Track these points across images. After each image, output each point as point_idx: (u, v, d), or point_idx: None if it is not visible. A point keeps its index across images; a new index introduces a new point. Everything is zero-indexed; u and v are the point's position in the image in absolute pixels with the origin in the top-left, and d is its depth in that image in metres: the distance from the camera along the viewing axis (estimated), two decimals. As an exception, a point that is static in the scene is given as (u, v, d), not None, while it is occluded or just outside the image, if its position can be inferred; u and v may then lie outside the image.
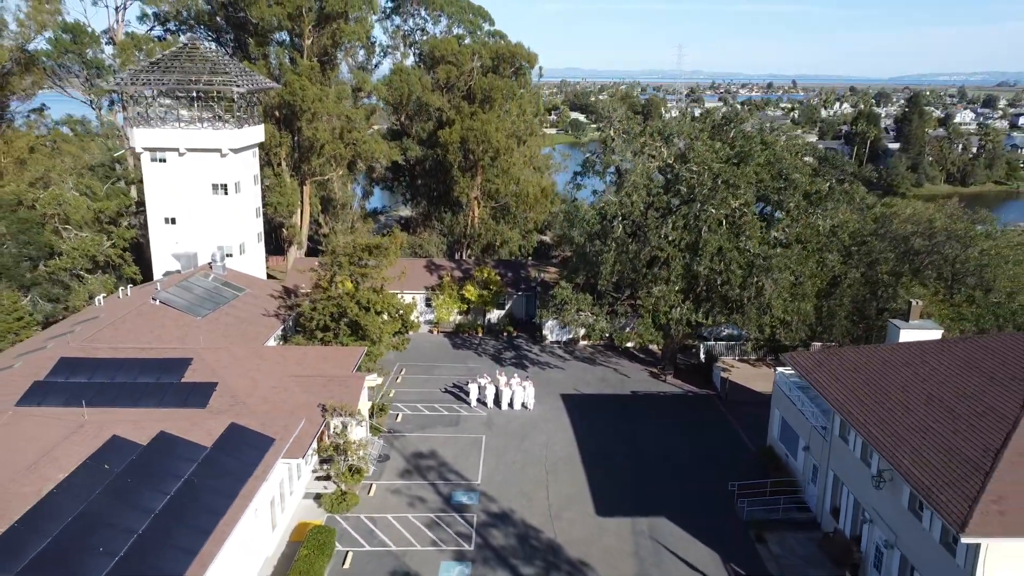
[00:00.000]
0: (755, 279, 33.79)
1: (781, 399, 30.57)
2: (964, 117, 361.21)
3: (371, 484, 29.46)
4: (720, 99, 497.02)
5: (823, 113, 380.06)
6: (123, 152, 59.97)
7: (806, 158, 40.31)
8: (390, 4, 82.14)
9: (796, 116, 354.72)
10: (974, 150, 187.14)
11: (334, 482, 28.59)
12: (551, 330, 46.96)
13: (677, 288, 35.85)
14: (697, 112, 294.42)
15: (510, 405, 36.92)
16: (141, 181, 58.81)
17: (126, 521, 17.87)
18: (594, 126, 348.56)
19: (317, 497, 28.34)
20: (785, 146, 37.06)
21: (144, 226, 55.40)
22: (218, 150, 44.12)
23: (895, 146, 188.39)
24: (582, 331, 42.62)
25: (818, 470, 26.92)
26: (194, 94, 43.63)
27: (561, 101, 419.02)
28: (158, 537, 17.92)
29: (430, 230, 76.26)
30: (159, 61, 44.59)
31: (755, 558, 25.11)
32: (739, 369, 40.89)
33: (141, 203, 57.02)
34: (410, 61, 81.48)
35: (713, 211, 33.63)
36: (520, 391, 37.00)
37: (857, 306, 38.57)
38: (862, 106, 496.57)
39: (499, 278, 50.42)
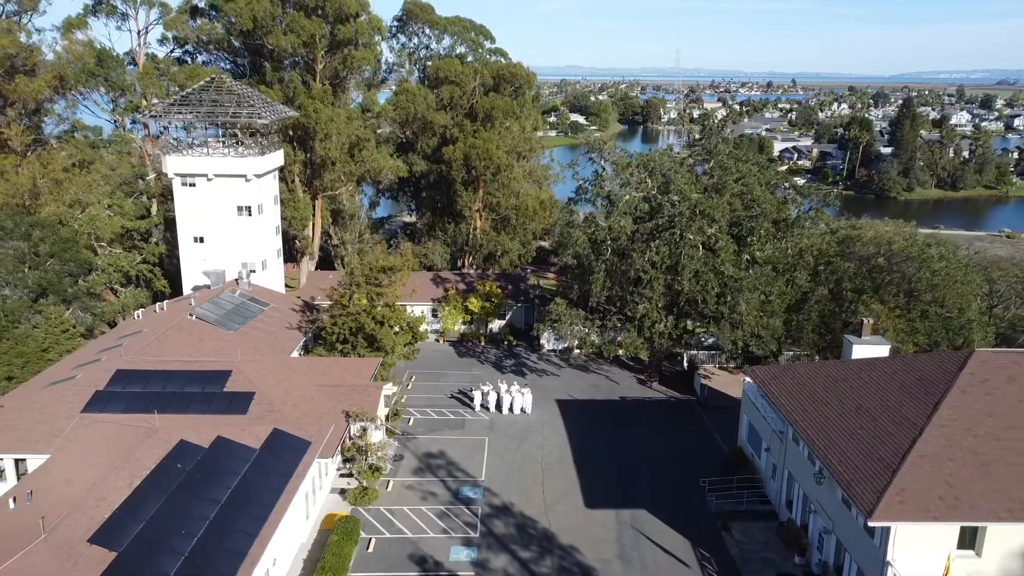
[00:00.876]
0: (729, 298, 37.97)
1: (748, 406, 34.75)
2: (960, 119, 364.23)
3: (388, 481, 33.64)
4: (719, 99, 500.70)
5: (820, 115, 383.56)
6: (145, 168, 64.11)
7: (784, 185, 44.44)
8: (395, 24, 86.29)
9: (793, 117, 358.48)
10: (965, 154, 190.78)
11: (356, 479, 32.77)
12: (547, 339, 51.10)
13: (660, 305, 40.02)
14: (696, 114, 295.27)
15: (510, 410, 41.08)
16: (161, 195, 63.15)
17: (199, 510, 22.07)
18: (593, 127, 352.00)
19: (342, 492, 32.52)
20: (758, 178, 41.17)
21: (168, 241, 59.67)
22: (243, 175, 48.26)
23: (888, 150, 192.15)
24: (576, 340, 46.80)
25: (776, 468, 31.10)
26: (222, 125, 47.72)
27: (561, 102, 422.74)
28: (224, 523, 22.11)
29: (434, 240, 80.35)
30: (189, 95, 48.69)
31: (720, 544, 29.29)
32: (718, 376, 45.04)
33: (164, 218, 61.21)
34: (415, 78, 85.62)
35: (691, 237, 37.80)
36: (519, 397, 41.17)
37: (824, 320, 42.65)
38: (860, 106, 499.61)
39: (500, 290, 54.58)
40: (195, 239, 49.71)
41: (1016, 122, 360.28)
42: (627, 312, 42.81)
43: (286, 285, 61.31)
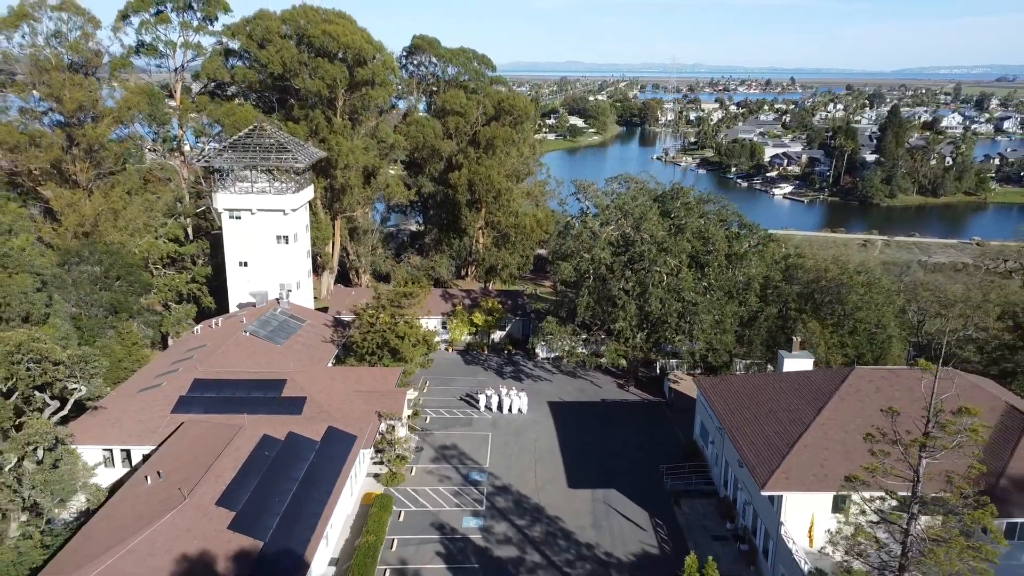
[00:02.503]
0: (688, 318, 46.40)
1: (700, 407, 43.20)
2: (951, 121, 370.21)
3: (412, 467, 42.13)
4: (717, 100, 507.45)
5: (815, 117, 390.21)
6: (182, 191, 72.45)
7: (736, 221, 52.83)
8: (404, 55, 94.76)
9: (788, 120, 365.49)
10: (948, 160, 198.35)
11: (387, 465, 41.26)
12: (541, 349, 59.52)
13: (634, 323, 48.48)
14: (692, 116, 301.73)
15: (509, 410, 49.52)
16: (196, 214, 71.37)
17: (284, 485, 30.54)
18: (592, 129, 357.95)
19: (376, 476, 41.01)
20: (714, 218, 49.48)
21: (212, 263, 67.91)
22: (282, 210, 56.67)
23: (873, 157, 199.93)
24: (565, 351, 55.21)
25: (718, 457, 39.59)
26: (264, 170, 56.07)
27: (560, 103, 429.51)
28: (302, 495, 30.58)
29: (441, 254, 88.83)
30: (236, 142, 57.03)
31: (672, 515, 37.78)
32: (685, 381, 53.46)
33: (210, 243, 69.36)
34: (422, 105, 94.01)
35: (657, 269, 46.21)
36: (517, 400, 49.64)
37: (771, 334, 51.04)
38: (855, 107, 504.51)
39: (500, 306, 63.02)
40: (240, 263, 58.16)
41: (1006, 124, 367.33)
42: (608, 327, 51.26)
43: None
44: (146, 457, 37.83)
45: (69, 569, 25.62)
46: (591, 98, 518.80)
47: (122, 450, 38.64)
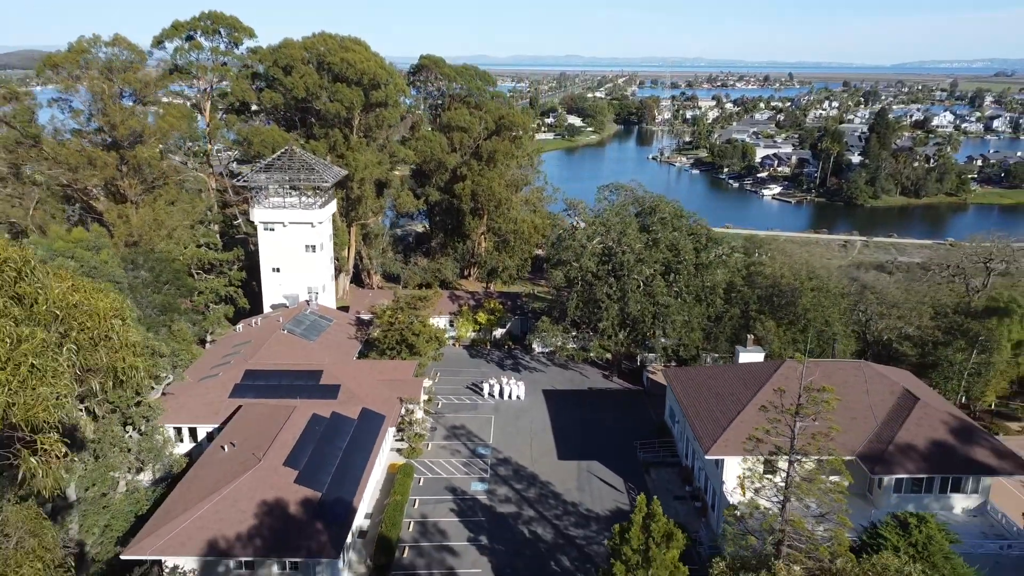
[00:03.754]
0: (660, 319, 54.66)
1: (669, 394, 51.51)
2: (942, 120, 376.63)
3: (428, 443, 50.44)
4: (714, 98, 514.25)
5: (809, 115, 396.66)
6: (212, 200, 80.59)
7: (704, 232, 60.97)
8: (412, 72, 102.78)
9: (781, 119, 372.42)
10: (928, 164, 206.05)
11: (407, 441, 49.55)
12: (537, 344, 67.74)
13: (616, 323, 56.73)
14: (689, 115, 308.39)
15: (509, 397, 57.81)
16: (223, 222, 79.38)
17: (332, 452, 38.81)
18: (590, 129, 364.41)
19: (398, 450, 49.34)
20: (684, 232, 57.62)
21: (246, 267, 75.95)
22: (310, 223, 64.77)
23: (859, 159, 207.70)
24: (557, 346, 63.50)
25: (681, 433, 47.91)
26: (295, 188, 64.17)
27: (558, 102, 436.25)
28: (346, 460, 38.87)
29: (446, 256, 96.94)
30: (271, 163, 65.05)
31: (642, 480, 46.11)
32: (661, 372, 61.73)
33: (231, 242, 77.32)
34: (427, 117, 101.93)
35: (635, 277, 54.43)
36: (515, 388, 57.91)
37: (735, 332, 59.24)
38: (851, 104, 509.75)
39: (501, 306, 71.26)
40: (273, 269, 66.33)
41: (995, 123, 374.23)
42: (594, 326, 59.49)
43: (333, 298, 77.81)
44: (209, 434, 46.25)
45: (176, 512, 33.92)
46: (589, 95, 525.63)
47: (189, 428, 46.95)
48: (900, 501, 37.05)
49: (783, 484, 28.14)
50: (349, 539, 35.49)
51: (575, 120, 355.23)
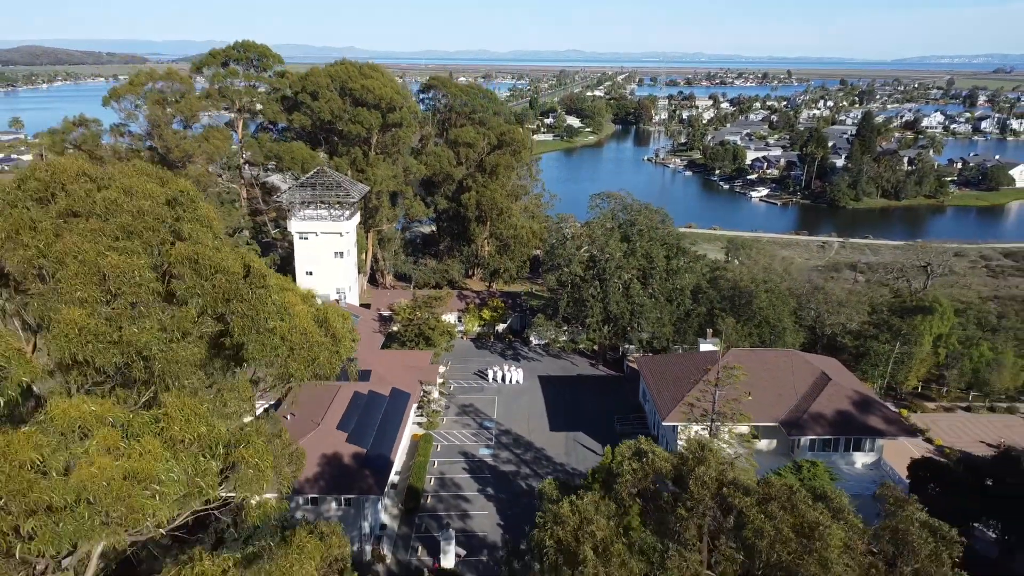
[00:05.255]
0: (637, 316, 65.39)
1: (641, 378, 62.25)
2: (932, 121, 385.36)
3: (444, 418, 61.22)
4: (711, 97, 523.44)
5: (803, 115, 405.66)
6: (243, 209, 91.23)
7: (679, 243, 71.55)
8: (421, 90, 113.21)
9: (775, 119, 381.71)
10: (909, 168, 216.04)
11: (426, 417, 60.30)
12: (534, 338, 78.45)
13: (599, 320, 67.45)
14: (685, 115, 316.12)
15: (510, 382, 68.51)
16: (253, 228, 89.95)
17: (373, 420, 49.57)
18: (588, 129, 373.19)
19: (419, 424, 60.13)
20: (658, 242, 68.17)
21: (279, 269, 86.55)
22: (339, 232, 75.39)
23: (842, 163, 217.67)
24: (550, 339, 74.25)
25: (650, 410, 58.69)
26: (325, 203, 74.81)
27: (557, 102, 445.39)
28: (384, 425, 49.65)
29: (452, 259, 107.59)
30: (306, 182, 75.58)
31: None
32: (637, 360, 72.34)
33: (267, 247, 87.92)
34: (435, 131, 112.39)
35: (615, 281, 65.14)
36: (515, 374, 68.61)
37: (701, 327, 69.82)
38: (845, 104, 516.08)
39: (503, 304, 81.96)
40: (307, 272, 76.96)
41: (984, 124, 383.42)
42: (582, 322, 70.23)
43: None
44: (266, 409, 56.93)
45: (257, 463, 44.73)
46: (588, 93, 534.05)
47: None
48: (813, 458, 47.77)
49: (709, 434, 38.89)
50: (387, 486, 46.31)
51: (574, 121, 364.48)
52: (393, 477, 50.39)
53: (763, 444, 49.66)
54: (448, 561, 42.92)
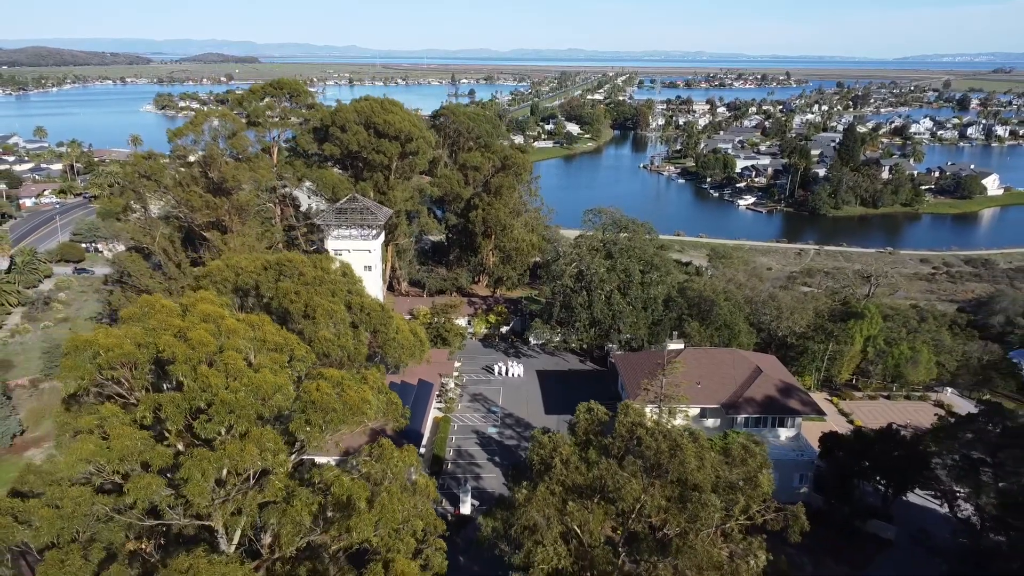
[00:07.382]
0: (617, 321, 79.44)
1: (619, 371, 76.33)
2: (920, 127, 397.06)
3: (459, 404, 75.39)
4: (708, 101, 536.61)
5: (797, 120, 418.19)
6: (278, 226, 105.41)
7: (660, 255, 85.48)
8: (432, 116, 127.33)
9: (768, 125, 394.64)
10: (887, 177, 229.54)
11: (444, 403, 74.43)
12: (533, 338, 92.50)
13: (587, 324, 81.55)
14: (682, 120, 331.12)
15: (512, 375, 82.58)
16: (287, 242, 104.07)
17: (407, 401, 63.62)
18: (587, 135, 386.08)
19: (439, 408, 74.27)
20: (635, 258, 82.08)
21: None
22: (368, 250, 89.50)
23: (823, 172, 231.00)
24: (546, 340, 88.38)
25: (624, 396, 72.74)
26: (355, 224, 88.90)
27: (557, 107, 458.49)
28: (415, 406, 63.66)
29: (461, 268, 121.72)
30: (341, 207, 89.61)
31: (599, 427, 71.06)
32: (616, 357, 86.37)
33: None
34: (446, 153, 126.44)
35: (599, 292, 79.19)
36: (517, 368, 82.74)
37: (672, 330, 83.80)
38: (839, 108, 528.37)
39: (506, 309, 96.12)
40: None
41: (970, 131, 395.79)
42: (572, 325, 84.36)
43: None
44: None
45: (320, 435, 58.91)
46: (588, 96, 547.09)
47: (303, 393, 71.88)
48: (748, 432, 61.76)
49: (659, 410, 52.99)
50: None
51: (573, 127, 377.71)
52: (421, 449, 64.51)
53: (709, 422, 63.72)
54: (465, 509, 57.09)
